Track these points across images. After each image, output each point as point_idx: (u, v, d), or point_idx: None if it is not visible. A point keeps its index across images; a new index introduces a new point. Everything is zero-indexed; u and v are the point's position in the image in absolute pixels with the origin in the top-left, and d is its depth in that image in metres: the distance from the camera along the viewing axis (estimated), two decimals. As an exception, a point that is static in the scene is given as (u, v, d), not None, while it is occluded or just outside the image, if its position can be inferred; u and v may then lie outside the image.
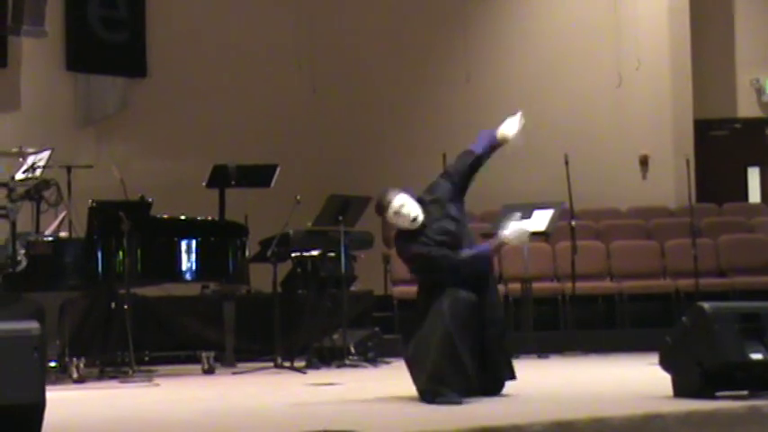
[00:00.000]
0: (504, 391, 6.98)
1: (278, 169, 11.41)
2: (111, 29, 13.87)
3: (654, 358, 6.69)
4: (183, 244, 9.39)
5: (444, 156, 11.78)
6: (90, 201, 9.02)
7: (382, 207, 6.74)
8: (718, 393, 6.15)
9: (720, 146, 14.96)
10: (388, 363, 10.25)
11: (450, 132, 14.31)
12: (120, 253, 8.87)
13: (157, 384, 8.38)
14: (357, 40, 14.58)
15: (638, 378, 8.06)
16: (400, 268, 12.34)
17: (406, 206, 6.69)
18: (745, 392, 6.15)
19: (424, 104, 14.61)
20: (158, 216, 9.35)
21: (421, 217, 6.71)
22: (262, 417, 6.14)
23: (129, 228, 8.75)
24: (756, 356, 6.18)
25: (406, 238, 6.79)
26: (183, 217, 9.63)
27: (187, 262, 9.41)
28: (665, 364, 6.55)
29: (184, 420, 6.08)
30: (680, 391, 6.33)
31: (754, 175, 15.01)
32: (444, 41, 14.76)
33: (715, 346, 6.19)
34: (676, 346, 6.48)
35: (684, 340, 6.41)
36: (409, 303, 12.02)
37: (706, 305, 6.33)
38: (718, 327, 6.22)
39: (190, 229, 9.52)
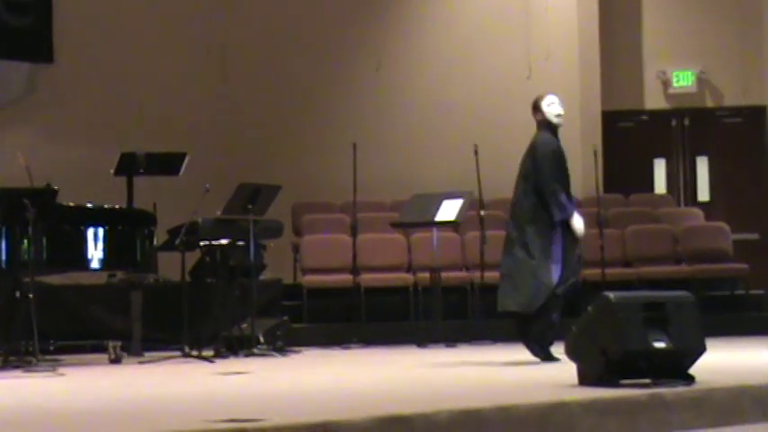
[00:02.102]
0: (413, 380, 7.04)
1: (187, 158, 11.35)
2: (16, 12, 13.62)
3: (560, 347, 6.76)
4: (90, 232, 9.30)
5: (354, 144, 11.78)
6: (-7, 188, 8.88)
7: (538, 98, 8.82)
8: (622, 381, 6.22)
9: (627, 137, 15.14)
10: (296, 351, 10.25)
11: (360, 121, 14.33)
12: (25, 241, 8.74)
13: (62, 374, 8.27)
14: (268, 27, 14.50)
15: (545, 367, 8.14)
16: (309, 257, 12.34)
17: (557, 103, 8.75)
18: (647, 380, 6.23)
19: (335, 93, 14.58)
20: (64, 204, 9.23)
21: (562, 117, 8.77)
22: (168, 406, 6.09)
23: (34, 215, 8.62)
24: (659, 345, 6.27)
25: None
26: (89, 205, 9.52)
27: (94, 250, 9.32)
28: (571, 352, 6.62)
29: (88, 410, 6.01)
30: (584, 379, 6.40)
31: (660, 167, 15.22)
32: (356, 30, 14.75)
33: (619, 334, 6.27)
34: (582, 334, 6.56)
35: (589, 329, 6.49)
36: (318, 292, 12.05)
37: (611, 295, 6.41)
38: (622, 316, 6.30)
39: (97, 217, 9.43)
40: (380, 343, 11.27)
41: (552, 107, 8.80)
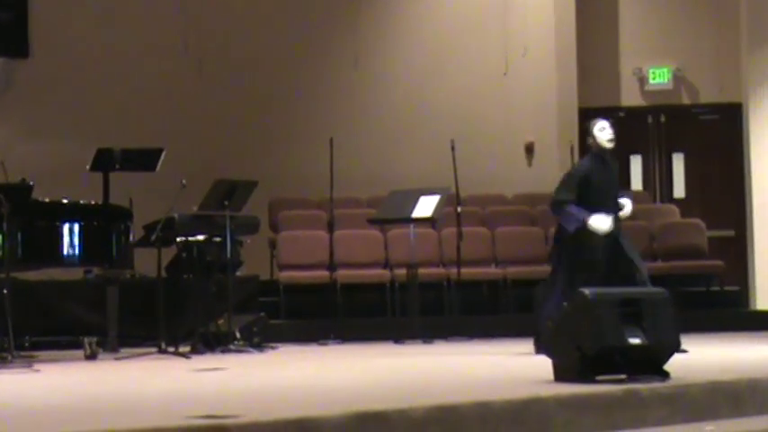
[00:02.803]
0: (390, 376, 7.03)
1: (163, 153, 11.32)
2: (-9, 8, 13.60)
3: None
4: (66, 228, 9.26)
5: (331, 140, 11.78)
6: (-32, 184, 8.84)
7: (590, 122, 8.80)
8: (598, 377, 6.25)
9: (604, 134, 15.17)
10: (273, 348, 10.24)
11: (337, 117, 14.33)
12: (0, 237, 8.70)
13: (38, 370, 8.24)
14: (244, 22, 14.48)
15: (521, 363, 8.16)
16: (286, 253, 12.33)
17: (608, 127, 8.73)
18: (623, 376, 6.26)
19: (312, 89, 14.57)
20: (40, 199, 9.20)
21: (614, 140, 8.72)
22: (144, 402, 6.08)
23: (9, 211, 8.58)
24: (634, 341, 6.30)
25: None
26: (65, 200, 9.49)
27: (70, 246, 9.29)
28: (547, 348, 6.64)
29: (64, 406, 5.99)
30: (560, 375, 6.42)
31: (636, 163, 15.27)
32: (332, 26, 14.74)
33: (595, 330, 6.29)
34: (558, 330, 6.58)
35: (566, 325, 6.51)
36: (295, 288, 12.04)
37: (587, 291, 6.44)
38: (598, 312, 6.32)
39: (72, 212, 9.39)
40: (357, 339, 11.27)
41: (604, 132, 8.85)
